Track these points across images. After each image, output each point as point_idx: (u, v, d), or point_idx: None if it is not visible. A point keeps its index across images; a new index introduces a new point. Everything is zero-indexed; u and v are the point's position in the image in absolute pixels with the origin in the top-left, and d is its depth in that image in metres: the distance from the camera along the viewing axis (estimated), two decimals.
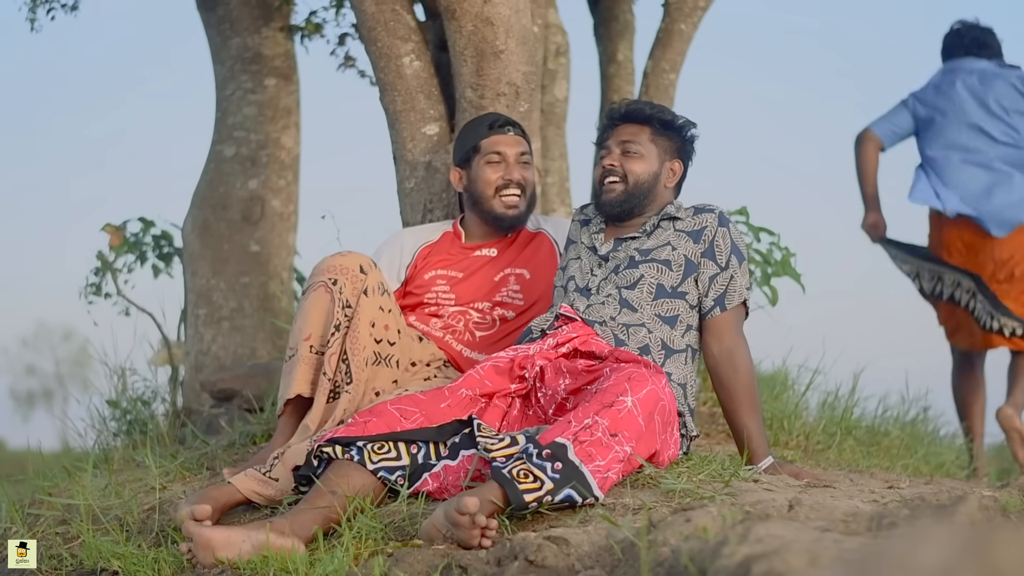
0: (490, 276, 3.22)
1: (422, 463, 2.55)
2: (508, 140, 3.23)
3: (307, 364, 2.90)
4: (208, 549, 2.34)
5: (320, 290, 2.92)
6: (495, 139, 3.23)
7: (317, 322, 2.91)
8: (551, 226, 3.34)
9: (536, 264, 3.24)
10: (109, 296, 4.82)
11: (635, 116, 2.99)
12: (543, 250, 3.27)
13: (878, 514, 1.94)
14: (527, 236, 3.31)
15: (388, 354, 2.94)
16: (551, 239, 3.30)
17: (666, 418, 2.52)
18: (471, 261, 3.25)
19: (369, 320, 2.90)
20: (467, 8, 3.41)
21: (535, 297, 3.20)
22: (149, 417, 4.25)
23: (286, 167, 4.83)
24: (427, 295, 3.21)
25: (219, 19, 4.81)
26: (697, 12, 4.36)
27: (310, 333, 2.91)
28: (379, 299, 2.94)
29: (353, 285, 2.90)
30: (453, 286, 3.21)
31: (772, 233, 4.25)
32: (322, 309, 2.90)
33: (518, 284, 3.21)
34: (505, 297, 3.19)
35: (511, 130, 3.25)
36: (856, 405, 4.19)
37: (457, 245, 3.29)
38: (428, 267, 3.25)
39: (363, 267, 2.94)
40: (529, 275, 3.22)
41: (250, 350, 4.58)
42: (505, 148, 3.22)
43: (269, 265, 4.72)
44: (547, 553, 2.04)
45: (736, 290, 2.87)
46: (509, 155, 3.22)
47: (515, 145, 3.23)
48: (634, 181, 2.93)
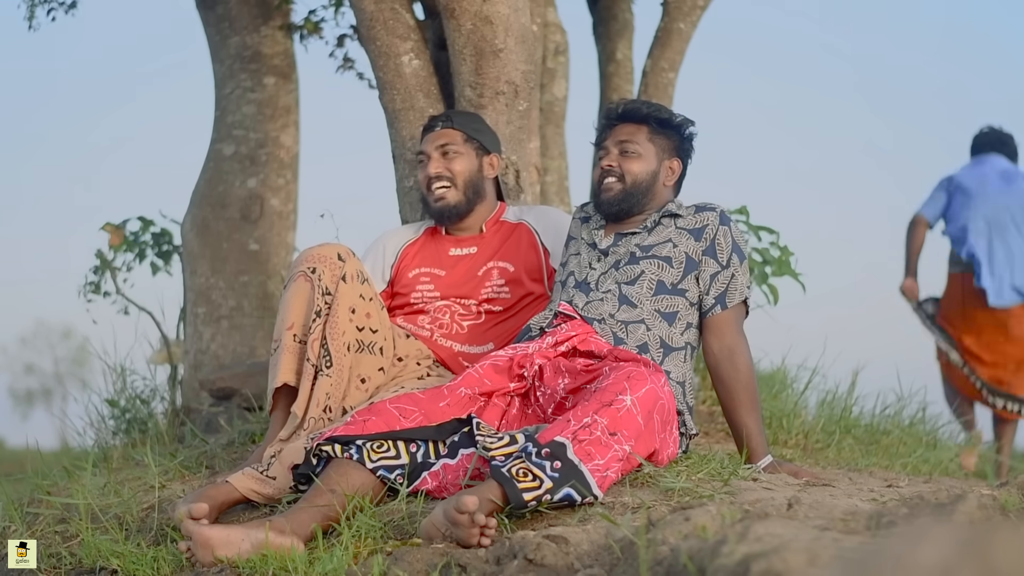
0: (473, 271, 3.23)
1: (421, 462, 2.55)
2: (431, 137, 3.27)
3: (291, 353, 2.93)
4: (207, 548, 2.34)
5: (300, 280, 2.95)
6: (424, 140, 3.29)
7: (299, 311, 2.94)
8: (532, 216, 3.33)
9: (518, 256, 3.25)
10: (108, 295, 4.82)
11: (632, 115, 2.99)
12: (524, 241, 3.28)
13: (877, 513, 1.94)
14: (508, 228, 3.31)
15: (371, 341, 2.96)
16: (531, 229, 3.30)
17: (665, 417, 2.53)
18: (453, 258, 3.26)
19: (348, 306, 2.92)
20: (466, 7, 3.41)
21: (520, 290, 3.21)
22: (148, 416, 4.25)
23: (285, 166, 4.82)
24: (413, 294, 3.23)
25: (218, 18, 4.81)
26: (696, 11, 4.36)
27: (292, 323, 2.94)
28: (359, 287, 2.96)
29: (331, 272, 2.94)
30: (437, 283, 3.23)
31: (772, 232, 4.25)
32: (303, 298, 2.94)
33: (502, 278, 3.22)
34: (490, 292, 3.20)
35: (439, 126, 3.28)
36: (855, 404, 4.19)
37: (438, 239, 3.31)
38: (412, 265, 3.27)
39: (340, 255, 2.97)
40: (513, 268, 3.23)
41: (249, 349, 4.58)
42: (428, 146, 3.26)
43: (268, 264, 4.72)
44: (546, 552, 2.04)
45: (737, 288, 2.87)
46: (430, 151, 3.25)
47: (436, 140, 3.26)
48: (632, 181, 2.94)
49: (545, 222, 3.30)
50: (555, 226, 3.28)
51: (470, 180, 3.25)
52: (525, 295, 3.21)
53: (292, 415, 2.86)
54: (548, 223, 3.29)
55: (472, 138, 3.28)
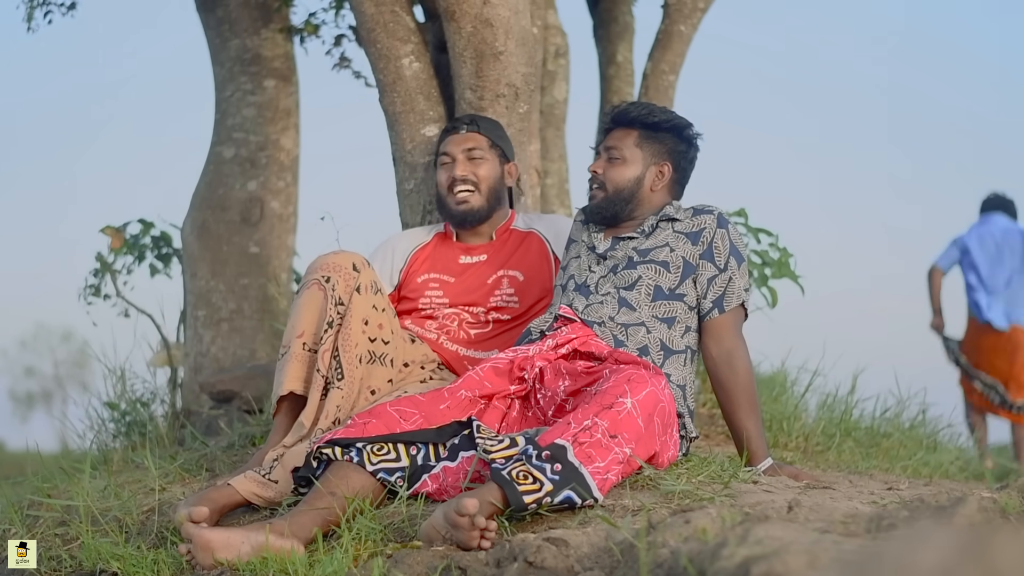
0: (483, 279, 3.22)
1: (421, 464, 2.55)
2: (457, 139, 3.25)
3: (299, 361, 2.91)
4: (207, 550, 2.34)
5: (313, 288, 2.93)
6: (447, 141, 3.28)
7: (310, 320, 2.92)
8: (543, 225, 3.33)
9: (528, 265, 3.24)
10: (108, 297, 4.82)
11: (621, 120, 3.00)
12: (534, 250, 3.27)
13: (877, 515, 1.94)
14: (519, 236, 3.31)
15: (383, 353, 2.94)
16: (542, 238, 3.29)
17: (666, 420, 2.53)
18: (463, 265, 3.25)
19: (362, 317, 2.90)
20: (466, 9, 3.41)
21: (530, 299, 3.20)
22: (148, 418, 4.25)
23: (285, 168, 4.83)
24: (421, 300, 3.22)
25: (218, 20, 4.81)
26: (697, 13, 4.36)
27: (303, 330, 2.92)
28: (372, 298, 2.94)
29: (346, 283, 2.92)
30: (446, 290, 3.21)
31: (771, 234, 4.25)
32: (315, 307, 2.92)
33: (512, 287, 3.21)
34: (500, 301, 3.19)
35: (464, 129, 3.27)
36: (855, 406, 4.19)
37: (448, 245, 3.30)
38: (420, 271, 3.26)
39: (356, 265, 2.95)
40: (523, 277, 3.22)
41: (249, 351, 4.58)
42: (453, 148, 3.24)
43: (268, 267, 4.72)
44: (546, 554, 2.04)
45: (734, 292, 2.86)
46: (455, 153, 3.23)
47: (463, 143, 3.24)
48: (613, 188, 2.94)
49: (556, 231, 3.29)
50: (566, 235, 3.27)
51: (493, 187, 3.25)
52: (534, 304, 3.20)
53: (299, 424, 2.82)
54: (559, 232, 3.29)
55: (496, 144, 3.28)
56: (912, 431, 4.31)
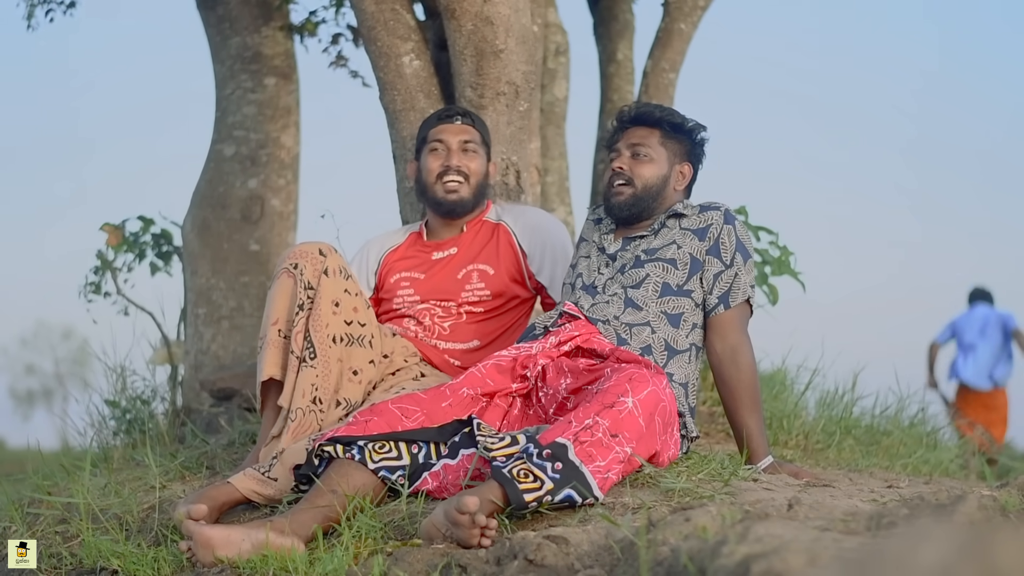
0: (452, 274, 3.23)
1: (422, 462, 2.55)
2: (452, 128, 3.25)
3: (276, 347, 2.94)
4: (208, 548, 2.34)
5: (283, 276, 2.97)
6: (440, 128, 3.26)
7: (282, 306, 2.96)
8: (511, 218, 3.32)
9: (498, 258, 3.24)
10: (108, 295, 4.82)
11: (645, 119, 2.98)
12: (503, 243, 3.27)
13: (877, 513, 1.94)
14: (488, 229, 3.30)
15: (360, 335, 2.97)
16: (509, 230, 3.29)
17: (667, 419, 2.53)
18: (432, 261, 3.26)
19: (332, 299, 2.93)
20: (467, 7, 3.41)
21: (501, 292, 3.21)
22: (148, 416, 4.25)
23: (286, 166, 4.83)
24: (395, 300, 3.24)
25: (219, 18, 4.81)
26: (697, 12, 4.36)
27: (277, 318, 2.95)
28: (342, 282, 2.97)
29: (313, 267, 2.95)
30: (416, 287, 3.23)
31: (771, 232, 4.25)
32: (286, 293, 2.96)
33: (482, 281, 3.21)
34: (471, 296, 3.20)
35: (458, 119, 3.26)
36: (855, 404, 4.19)
37: (419, 244, 3.31)
38: (394, 271, 3.28)
39: (322, 250, 2.99)
40: (492, 271, 3.23)
41: (250, 349, 4.58)
42: (447, 136, 3.23)
43: (269, 264, 4.72)
44: (546, 552, 2.04)
45: (740, 288, 2.86)
46: (451, 142, 3.23)
47: (458, 133, 3.24)
48: (643, 185, 2.93)
49: (523, 223, 3.29)
50: (533, 227, 3.27)
51: (480, 182, 3.25)
52: (508, 298, 3.21)
53: (281, 409, 2.86)
54: (525, 224, 3.28)
55: (486, 142, 3.29)
56: (912, 429, 4.31)
